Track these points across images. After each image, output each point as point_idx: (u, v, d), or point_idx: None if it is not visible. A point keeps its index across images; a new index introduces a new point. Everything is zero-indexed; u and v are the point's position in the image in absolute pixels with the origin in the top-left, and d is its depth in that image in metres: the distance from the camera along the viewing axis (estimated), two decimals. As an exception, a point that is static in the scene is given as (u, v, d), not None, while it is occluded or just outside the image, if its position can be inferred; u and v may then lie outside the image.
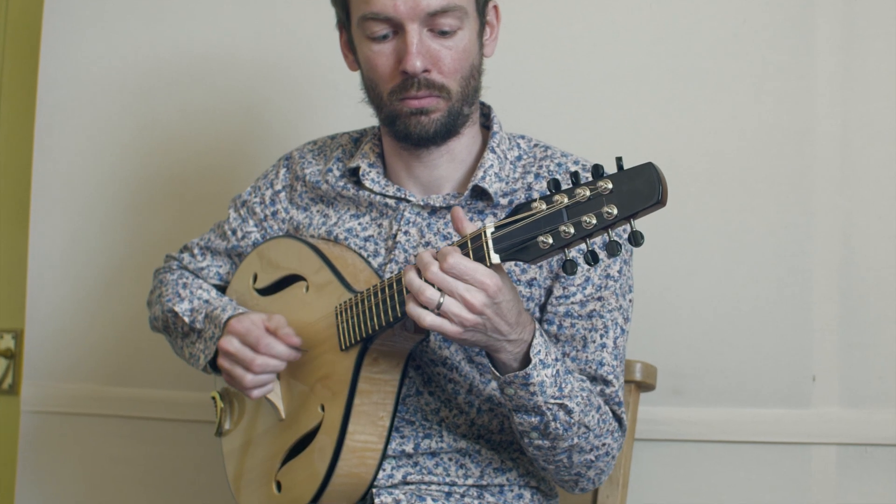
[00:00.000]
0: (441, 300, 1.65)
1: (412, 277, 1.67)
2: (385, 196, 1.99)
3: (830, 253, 2.41)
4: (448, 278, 1.64)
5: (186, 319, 2.08)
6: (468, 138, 1.99)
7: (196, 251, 2.20)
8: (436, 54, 1.88)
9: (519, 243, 1.60)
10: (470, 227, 1.68)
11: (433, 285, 1.65)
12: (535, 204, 1.58)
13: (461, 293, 1.63)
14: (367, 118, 2.05)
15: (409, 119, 1.90)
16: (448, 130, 1.92)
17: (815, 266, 2.41)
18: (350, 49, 2.00)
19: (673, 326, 2.48)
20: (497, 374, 1.77)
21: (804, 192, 2.43)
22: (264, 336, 1.89)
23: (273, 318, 1.91)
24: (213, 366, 2.03)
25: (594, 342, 1.92)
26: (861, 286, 2.40)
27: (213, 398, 2.12)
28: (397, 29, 1.88)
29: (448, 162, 1.98)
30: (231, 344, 1.92)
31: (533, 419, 1.80)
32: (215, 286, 2.18)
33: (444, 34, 1.88)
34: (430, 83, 1.88)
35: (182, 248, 2.23)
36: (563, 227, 1.54)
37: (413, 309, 1.67)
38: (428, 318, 1.66)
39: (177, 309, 2.10)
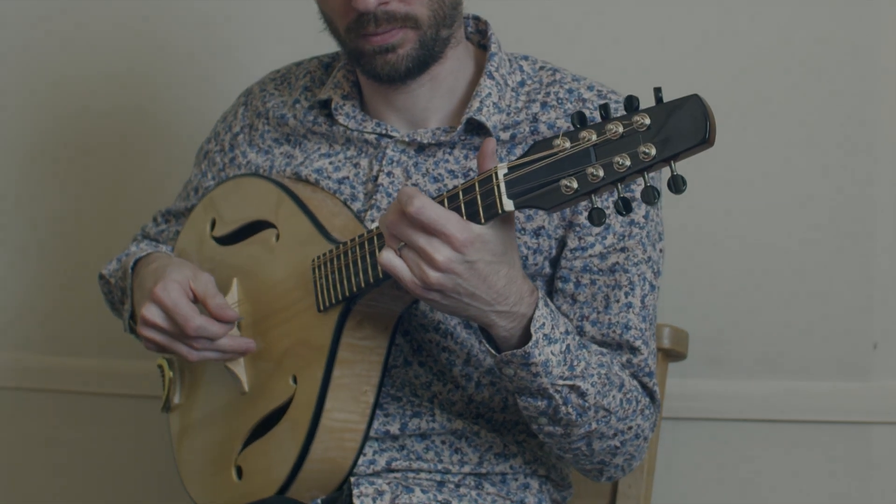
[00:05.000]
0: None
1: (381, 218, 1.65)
2: (364, 132, 1.91)
3: (895, 199, 2.35)
4: (405, 226, 1.57)
5: (113, 281, 2.09)
6: (454, 61, 1.89)
7: (159, 218, 2.18)
8: None
9: (537, 187, 1.51)
10: (492, 166, 1.58)
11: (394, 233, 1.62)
12: (556, 141, 1.49)
13: (421, 246, 1.56)
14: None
15: (375, 58, 1.82)
16: (423, 62, 1.83)
17: (876, 214, 2.36)
18: None
19: (707, 284, 2.42)
20: (492, 351, 1.69)
21: (865, 125, 2.35)
22: (194, 317, 1.81)
23: (199, 278, 1.84)
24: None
25: (618, 301, 1.82)
26: (931, 238, 2.38)
27: (160, 366, 2.06)
28: None
29: (431, 91, 1.89)
30: (153, 314, 1.85)
31: (539, 403, 1.72)
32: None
33: None
34: (390, 15, 1.78)
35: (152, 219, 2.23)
36: (590, 170, 1.46)
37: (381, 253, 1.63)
38: (384, 257, 1.60)
39: (103, 271, 2.11)
